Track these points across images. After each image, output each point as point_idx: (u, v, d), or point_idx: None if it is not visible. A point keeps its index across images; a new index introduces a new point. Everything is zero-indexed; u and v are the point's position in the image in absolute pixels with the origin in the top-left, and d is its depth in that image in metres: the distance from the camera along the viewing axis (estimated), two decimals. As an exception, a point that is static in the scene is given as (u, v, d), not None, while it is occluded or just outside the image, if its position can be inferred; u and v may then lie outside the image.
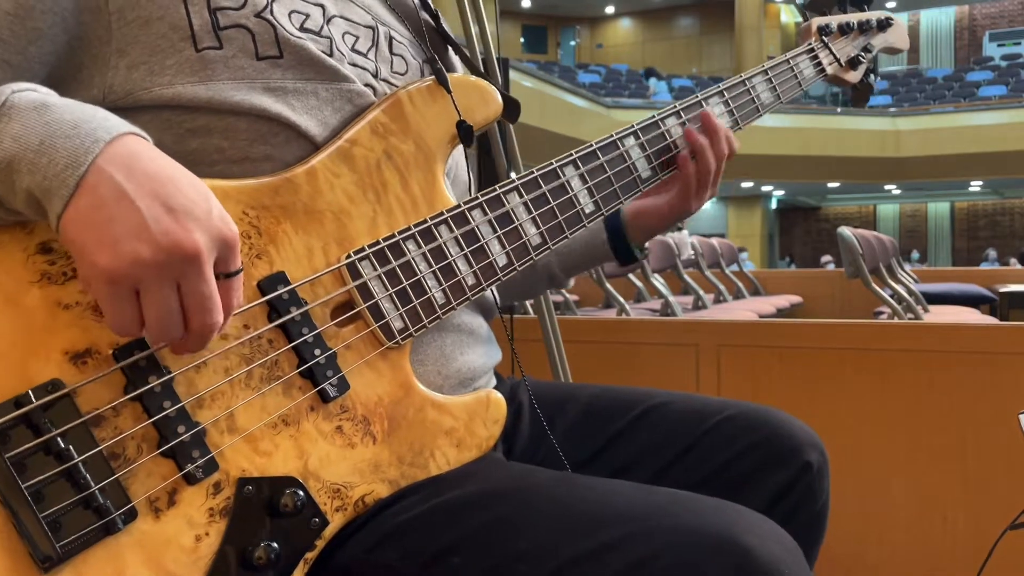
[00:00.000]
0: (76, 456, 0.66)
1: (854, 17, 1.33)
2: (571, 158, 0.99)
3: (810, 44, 1.28)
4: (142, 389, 0.70)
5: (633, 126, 1.05)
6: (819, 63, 1.28)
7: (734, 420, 1.03)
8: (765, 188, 20.84)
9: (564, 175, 0.98)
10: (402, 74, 0.97)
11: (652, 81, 20.41)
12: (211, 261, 0.66)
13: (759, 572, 0.69)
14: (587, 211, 0.99)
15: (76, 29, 0.76)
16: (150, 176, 0.65)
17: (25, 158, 0.63)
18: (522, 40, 25.40)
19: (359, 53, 0.92)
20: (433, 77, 0.91)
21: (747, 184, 19.17)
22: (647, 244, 1.21)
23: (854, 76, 1.32)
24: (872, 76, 1.35)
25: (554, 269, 1.22)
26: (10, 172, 0.64)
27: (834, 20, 1.31)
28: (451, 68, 1.08)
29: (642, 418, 1.06)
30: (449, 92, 0.90)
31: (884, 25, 1.35)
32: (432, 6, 1.07)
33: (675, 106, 1.10)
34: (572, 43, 26.51)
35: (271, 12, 0.83)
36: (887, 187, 21.34)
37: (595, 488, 0.80)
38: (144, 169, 0.65)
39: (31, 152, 0.63)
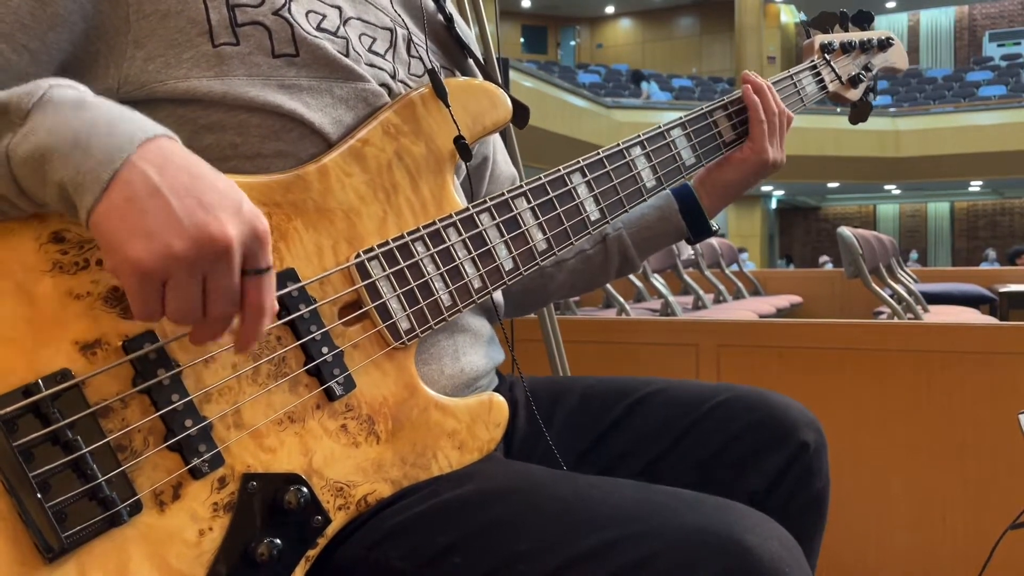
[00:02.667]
0: (83, 447, 0.67)
1: (856, 36, 1.35)
2: (578, 165, 1.00)
3: (813, 61, 1.30)
4: (151, 382, 0.70)
5: (639, 136, 1.06)
6: (821, 80, 1.30)
7: (729, 404, 1.04)
8: (765, 188, 20.84)
9: (571, 182, 0.98)
10: (419, 76, 0.97)
11: (644, 85, 20.33)
12: (240, 256, 0.66)
13: (760, 572, 0.69)
14: (592, 218, 1.00)
15: (94, 18, 0.77)
16: (183, 171, 0.65)
17: (60, 151, 0.63)
18: (522, 40, 25.37)
19: (376, 54, 0.92)
20: (444, 81, 0.92)
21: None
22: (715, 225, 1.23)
23: (854, 94, 1.35)
24: (871, 95, 1.36)
25: (629, 250, 1.21)
26: (43, 163, 0.64)
27: (836, 38, 1.33)
28: (469, 73, 1.09)
29: (637, 406, 1.07)
30: (447, 105, 0.90)
31: (885, 45, 1.39)
32: (447, 10, 1.07)
33: (681, 118, 1.11)
34: (572, 43, 26.48)
35: (289, 11, 0.84)
36: (887, 187, 21.34)
37: (596, 487, 0.80)
38: (176, 165, 0.65)
39: (66, 146, 0.63)
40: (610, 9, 25.81)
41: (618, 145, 1.04)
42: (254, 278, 0.67)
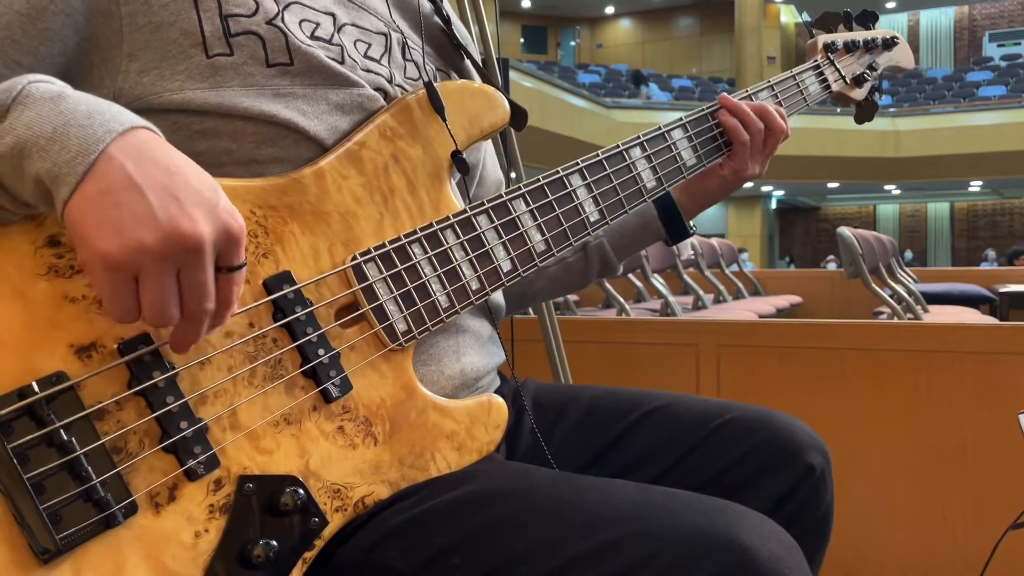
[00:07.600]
0: (78, 448, 0.66)
1: (860, 35, 1.34)
2: (578, 167, 0.99)
3: (816, 61, 1.29)
4: (146, 384, 0.70)
5: (639, 137, 1.06)
6: (825, 80, 1.29)
7: (736, 423, 1.03)
8: (765, 188, 20.84)
9: (570, 184, 0.98)
10: (415, 80, 0.97)
11: (643, 88, 20.25)
12: (213, 252, 0.66)
13: (758, 572, 0.69)
14: (592, 219, 1.00)
15: (87, 31, 0.77)
16: (159, 166, 0.65)
17: (37, 144, 0.63)
18: (522, 40, 25.37)
19: (372, 59, 0.92)
20: (441, 84, 0.91)
21: (747, 184, 19.14)
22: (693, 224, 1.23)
23: (859, 94, 1.34)
24: (877, 94, 1.35)
25: (609, 255, 1.22)
26: (21, 158, 0.64)
27: (840, 38, 1.32)
28: (465, 74, 1.08)
29: (643, 420, 1.06)
30: (443, 118, 0.90)
31: (889, 44, 1.37)
32: (444, 12, 1.06)
33: (682, 119, 1.11)
34: (572, 43, 26.48)
35: (282, 20, 0.83)
36: (887, 187, 21.33)
37: (595, 488, 0.80)
38: (154, 159, 0.65)
39: (43, 139, 0.63)
40: (610, 9, 25.81)
41: (618, 146, 1.03)
42: (227, 275, 0.68)
